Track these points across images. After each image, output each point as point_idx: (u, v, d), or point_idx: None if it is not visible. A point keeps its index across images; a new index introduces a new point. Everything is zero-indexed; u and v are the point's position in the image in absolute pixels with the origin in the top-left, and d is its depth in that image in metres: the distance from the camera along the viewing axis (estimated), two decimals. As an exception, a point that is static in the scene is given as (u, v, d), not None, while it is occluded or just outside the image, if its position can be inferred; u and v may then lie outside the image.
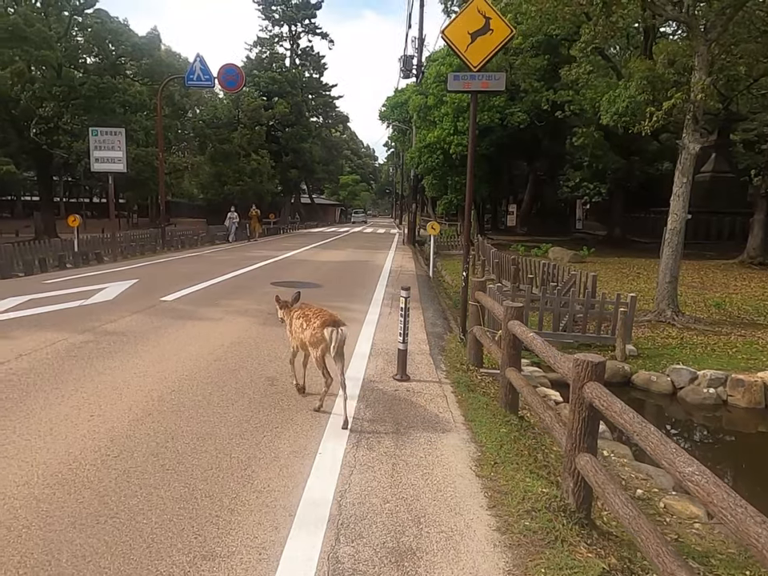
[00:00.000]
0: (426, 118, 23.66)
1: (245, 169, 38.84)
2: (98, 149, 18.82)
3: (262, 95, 42.61)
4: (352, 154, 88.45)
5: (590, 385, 2.89)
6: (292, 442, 3.83)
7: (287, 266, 15.24)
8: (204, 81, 20.56)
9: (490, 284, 8.52)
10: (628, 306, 8.34)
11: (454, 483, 3.36)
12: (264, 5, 54.01)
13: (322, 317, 4.22)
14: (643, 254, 19.08)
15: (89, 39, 27.66)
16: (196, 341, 6.49)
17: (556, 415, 3.76)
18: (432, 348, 6.73)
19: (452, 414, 4.54)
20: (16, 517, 2.79)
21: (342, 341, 4.16)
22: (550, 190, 32.82)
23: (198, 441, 3.75)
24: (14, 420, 3.99)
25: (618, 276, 14.94)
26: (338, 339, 4.11)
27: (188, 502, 2.99)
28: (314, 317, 4.27)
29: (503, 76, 7.10)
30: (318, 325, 4.17)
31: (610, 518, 3.22)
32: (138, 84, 29.61)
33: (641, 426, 2.36)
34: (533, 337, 4.05)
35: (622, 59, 22.91)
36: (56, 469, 3.30)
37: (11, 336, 6.36)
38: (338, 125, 68.15)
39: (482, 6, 6.50)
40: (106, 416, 4.12)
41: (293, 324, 4.54)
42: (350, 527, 2.83)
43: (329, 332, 4.09)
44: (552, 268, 11.74)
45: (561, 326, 8.71)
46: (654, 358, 8.27)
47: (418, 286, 11.98)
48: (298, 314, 4.50)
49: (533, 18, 15.66)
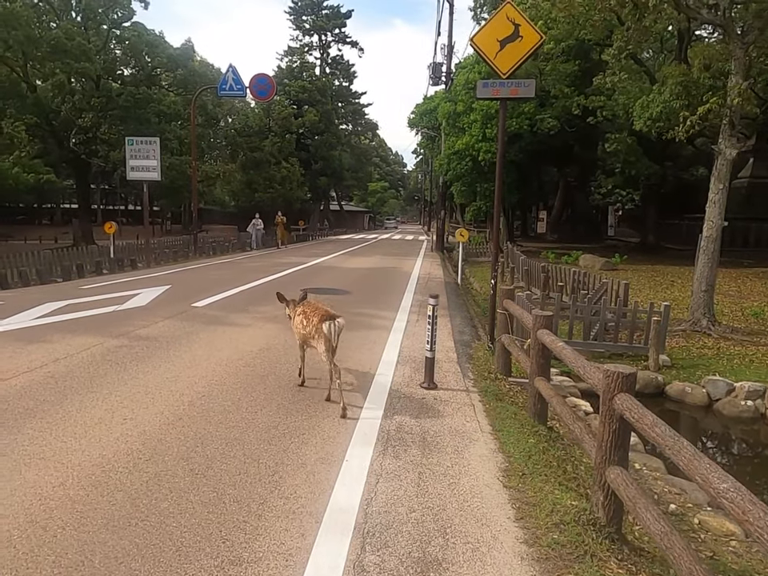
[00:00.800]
0: (454, 124, 23.63)
1: (275, 176, 39.37)
2: (134, 158, 19.34)
3: (292, 104, 43.18)
4: (381, 161, 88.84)
5: (620, 396, 2.84)
6: (319, 448, 3.85)
7: (316, 273, 15.36)
8: (236, 90, 20.95)
9: (518, 292, 8.44)
10: (661, 314, 8.15)
11: (480, 493, 3.33)
12: (295, 15, 54.91)
13: (319, 313, 4.63)
14: (677, 262, 18.65)
15: (126, 51, 28.52)
16: (226, 346, 6.59)
17: (586, 426, 3.69)
18: (459, 356, 6.69)
19: (479, 423, 4.50)
20: (51, 517, 2.87)
21: (339, 331, 4.54)
22: (581, 196, 32.36)
23: (227, 446, 3.81)
24: (51, 422, 4.11)
25: (651, 284, 14.62)
26: (336, 331, 4.49)
27: (216, 507, 3.03)
28: (311, 314, 4.70)
29: (533, 83, 7.04)
30: (316, 321, 4.59)
31: (642, 533, 3.14)
32: (173, 94, 30.37)
33: (673, 439, 2.30)
34: (562, 346, 4.00)
35: (655, 63, 22.53)
36: (90, 471, 3.39)
37: (49, 340, 6.56)
38: (367, 132, 68.62)
39: (511, 13, 6.48)
40: (138, 419, 4.21)
41: (295, 321, 4.98)
42: (376, 536, 2.83)
43: (327, 326, 4.46)
44: (583, 276, 11.55)
45: (591, 334, 8.56)
46: (689, 369, 8.06)
47: (446, 293, 11.94)
48: (299, 311, 4.93)
49: (563, 24, 15.55)
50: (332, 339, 4.48)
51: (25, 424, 4.06)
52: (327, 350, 4.50)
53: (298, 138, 43.50)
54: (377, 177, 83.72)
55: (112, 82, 28.16)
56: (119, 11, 27.66)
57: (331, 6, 55.09)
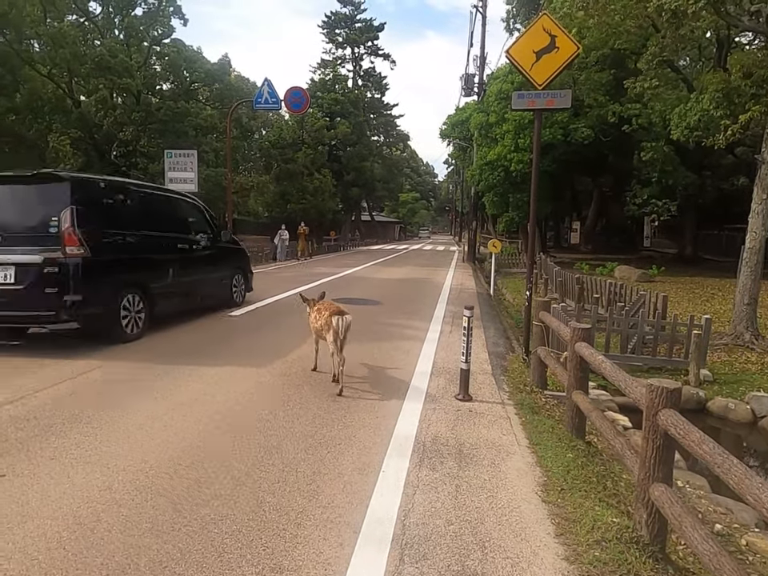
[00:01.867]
0: (487, 135, 23.60)
1: (308, 187, 39.87)
2: (173, 170, 19.86)
3: (325, 116, 43.76)
4: (412, 171, 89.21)
5: (664, 412, 2.78)
6: (355, 458, 3.86)
7: (347, 283, 15.46)
8: (271, 104, 21.29)
9: (553, 304, 8.34)
10: (702, 328, 7.95)
11: (519, 508, 3.30)
12: (328, 29, 55.80)
13: (331, 309, 5.31)
14: (717, 274, 18.16)
15: (165, 67, 29.42)
16: (262, 355, 6.68)
17: (627, 442, 3.62)
18: (494, 368, 6.64)
19: (516, 436, 4.45)
20: (99, 520, 2.96)
21: (347, 326, 5.21)
22: (616, 206, 31.78)
23: (265, 454, 3.86)
24: (96, 427, 4.23)
25: (690, 296, 14.26)
26: (343, 325, 5.15)
27: (256, 514, 3.08)
28: (324, 310, 5.39)
29: (569, 93, 7.00)
30: (327, 315, 5.27)
31: (687, 553, 3.06)
32: (209, 108, 31.14)
33: (722, 457, 2.25)
34: (601, 360, 3.94)
35: (693, 71, 22.11)
36: (133, 476, 3.47)
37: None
38: (398, 143, 69.04)
39: (547, 24, 6.48)
40: (178, 427, 4.30)
41: (311, 317, 5.72)
42: (414, 547, 2.83)
43: (335, 320, 5.15)
44: (619, 287, 11.35)
45: (629, 348, 8.39)
46: (732, 384, 7.82)
47: (479, 305, 11.87)
48: (316, 308, 5.65)
49: (596, 32, 15.41)
50: (339, 332, 5.13)
51: (72, 428, 4.19)
52: (335, 340, 5.16)
53: (330, 150, 44.03)
54: (408, 187, 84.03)
55: (152, 97, 29.08)
56: (159, 29, 28.63)
57: (364, 20, 55.88)
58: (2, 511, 3.01)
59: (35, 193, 6.75)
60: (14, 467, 3.52)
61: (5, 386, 5.11)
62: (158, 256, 7.95)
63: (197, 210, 9.45)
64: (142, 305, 7.39)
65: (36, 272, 6.28)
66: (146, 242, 7.65)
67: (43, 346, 6.97)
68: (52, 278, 6.27)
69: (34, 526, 2.88)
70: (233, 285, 10.09)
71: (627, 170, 23.78)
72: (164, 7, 28.26)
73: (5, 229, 6.45)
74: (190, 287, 8.69)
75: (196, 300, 8.95)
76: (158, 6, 28.21)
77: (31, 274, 6.29)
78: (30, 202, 6.74)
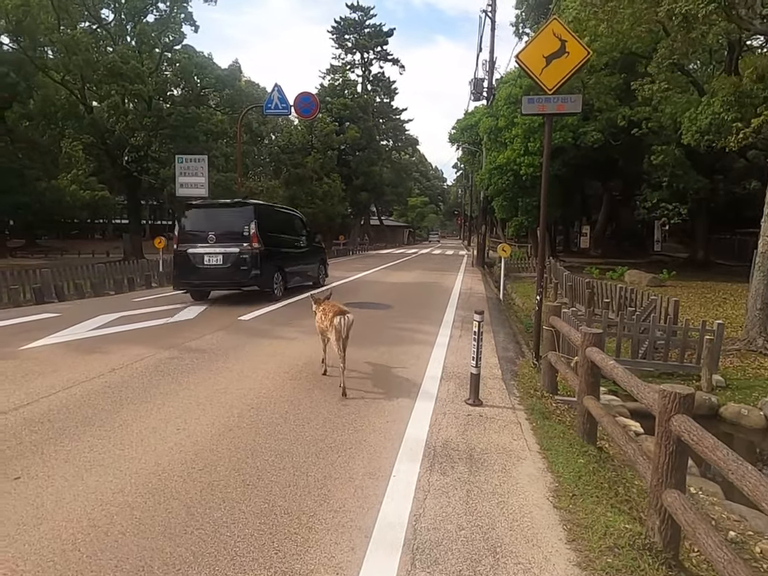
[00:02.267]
0: (496, 139, 23.59)
1: (317, 192, 39.99)
2: (183, 175, 20.00)
3: (334, 121, 43.90)
4: (421, 176, 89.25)
5: (677, 417, 2.77)
6: (366, 463, 3.87)
7: (357, 287, 15.48)
8: (281, 109, 21.41)
9: (564, 308, 8.30)
10: (714, 333, 7.89)
11: (530, 513, 3.29)
12: (338, 34, 56.07)
13: (334, 310, 5.51)
14: (729, 278, 18.00)
15: (177, 73, 29.68)
16: (272, 359, 6.72)
17: (639, 448, 3.60)
18: (504, 373, 6.62)
19: (527, 441, 4.44)
20: (112, 522, 2.99)
21: (349, 325, 5.41)
22: (626, 210, 31.66)
23: (277, 458, 3.87)
24: (109, 430, 4.27)
25: (701, 301, 14.15)
26: (345, 324, 5.34)
27: (268, 518, 3.09)
28: (328, 311, 5.60)
29: (579, 98, 7.01)
30: (331, 316, 5.46)
31: (700, 560, 3.04)
32: (220, 113, 31.35)
33: (736, 464, 2.24)
34: (613, 365, 3.92)
35: (703, 74, 22.00)
36: (146, 479, 3.50)
37: (106, 351, 6.83)
38: (407, 147, 69.10)
39: (557, 29, 6.48)
40: (190, 430, 4.33)
41: (316, 316, 5.93)
42: (426, 552, 2.83)
43: (338, 320, 5.34)
44: (629, 292, 11.29)
45: (640, 353, 8.35)
46: (744, 390, 7.75)
47: (489, 309, 11.85)
48: (321, 308, 5.87)
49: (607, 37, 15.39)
50: (341, 331, 5.32)
51: (85, 431, 4.23)
52: (337, 339, 5.35)
53: (339, 154, 44.16)
54: (416, 192, 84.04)
55: (163, 103, 29.32)
56: (171, 35, 28.89)
57: (373, 25, 56.07)
58: (18, 513, 3.05)
59: (234, 212, 11.19)
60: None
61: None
62: (288, 250, 12.43)
63: (301, 222, 14.27)
64: (281, 279, 11.81)
65: (235, 257, 10.62)
66: (282, 241, 12.13)
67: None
68: (244, 261, 10.62)
69: (48, 527, 2.92)
70: (319, 270, 14.80)
71: (637, 173, 23.67)
72: (175, 14, 28.52)
73: (217, 233, 10.75)
74: (301, 270, 13.37)
75: (303, 278, 13.55)
76: (169, 13, 28.48)
77: (232, 258, 10.63)
78: (231, 217, 11.05)
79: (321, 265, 14.95)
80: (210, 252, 10.67)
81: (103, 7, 28.55)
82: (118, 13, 28.84)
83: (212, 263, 10.69)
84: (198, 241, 10.85)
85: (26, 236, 39.16)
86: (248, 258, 10.58)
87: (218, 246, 10.66)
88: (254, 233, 10.63)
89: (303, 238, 13.66)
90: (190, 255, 10.78)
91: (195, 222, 11.27)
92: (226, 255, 10.60)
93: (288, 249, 12.42)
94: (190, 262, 10.78)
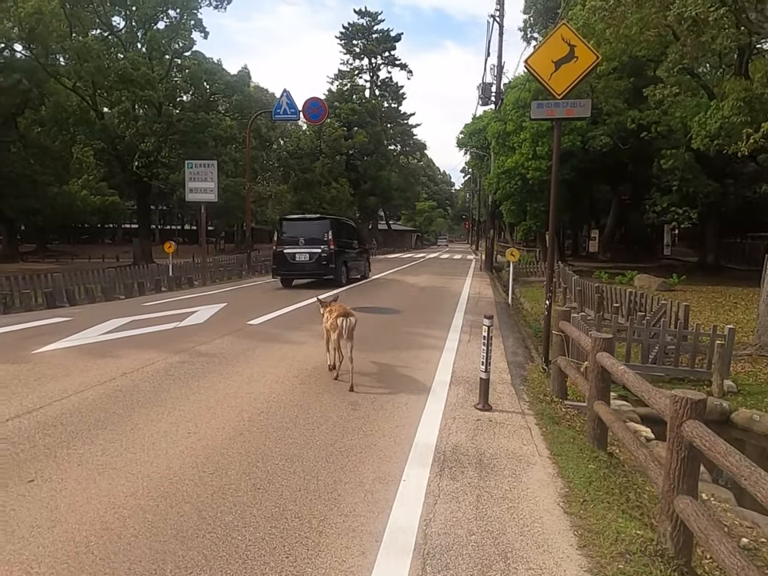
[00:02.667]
0: (504, 143, 23.60)
1: (325, 196, 40.19)
2: (193, 180, 20.14)
3: (342, 126, 44.12)
4: (428, 180, 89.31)
5: (689, 423, 2.76)
6: (376, 467, 3.88)
7: (365, 292, 15.50)
8: (290, 114, 21.55)
9: (573, 313, 8.28)
10: (725, 338, 7.83)
11: (541, 519, 3.28)
12: (346, 40, 56.38)
13: (338, 311, 5.80)
14: (739, 283, 17.86)
15: (186, 79, 29.94)
16: (282, 363, 6.74)
17: (650, 453, 3.59)
18: (513, 378, 6.61)
19: (536, 446, 4.43)
20: (125, 525, 3.01)
21: (351, 326, 5.65)
22: (635, 214, 31.48)
23: (287, 462, 3.89)
24: (121, 434, 4.30)
25: (712, 305, 14.06)
26: (348, 325, 5.61)
27: (279, 522, 3.10)
28: (334, 312, 5.86)
29: (588, 102, 7.01)
30: (334, 317, 5.74)
31: (713, 567, 3.02)
32: (229, 119, 31.57)
33: (750, 470, 2.23)
34: (624, 370, 3.91)
35: (713, 78, 21.89)
36: (158, 482, 3.53)
37: (117, 355, 6.89)
38: (415, 152, 69.26)
39: (566, 34, 6.49)
40: (201, 434, 4.36)
41: (323, 317, 6.18)
42: (436, 557, 2.83)
43: (340, 321, 5.63)
44: (639, 296, 11.24)
45: (650, 358, 8.30)
46: (756, 396, 7.69)
47: (497, 314, 11.82)
48: (327, 310, 6.13)
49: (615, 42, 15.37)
50: (344, 331, 5.58)
51: (97, 435, 4.27)
52: (339, 338, 5.69)
53: (347, 159, 44.35)
54: (424, 196, 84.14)
55: (173, 108, 29.58)
56: (181, 42, 29.17)
57: (381, 30, 56.38)
58: (32, 515, 3.08)
59: (317, 224, 15.59)
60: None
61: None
62: (348, 250, 16.68)
63: (353, 228, 18.88)
64: (346, 271, 16.11)
65: (317, 255, 14.85)
66: (346, 244, 16.47)
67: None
68: (324, 258, 14.84)
69: (62, 530, 2.94)
70: (365, 267, 19.27)
71: (646, 177, 23.57)
72: (185, 21, 28.81)
73: (305, 238, 15.00)
74: (355, 265, 17.68)
75: (357, 272, 18.00)
76: (179, 19, 28.77)
77: (315, 256, 14.86)
78: (315, 227, 15.36)
79: (366, 262, 19.54)
80: (300, 251, 14.96)
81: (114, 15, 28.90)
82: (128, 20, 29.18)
83: (301, 260, 14.97)
84: (291, 243, 15.08)
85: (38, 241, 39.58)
86: (327, 255, 14.85)
87: (306, 247, 14.91)
88: (330, 238, 14.92)
89: (356, 241, 17.96)
90: (286, 254, 15.05)
91: (288, 230, 15.66)
92: (311, 254, 14.89)
93: (349, 250, 16.81)
94: (286, 259, 15.06)
